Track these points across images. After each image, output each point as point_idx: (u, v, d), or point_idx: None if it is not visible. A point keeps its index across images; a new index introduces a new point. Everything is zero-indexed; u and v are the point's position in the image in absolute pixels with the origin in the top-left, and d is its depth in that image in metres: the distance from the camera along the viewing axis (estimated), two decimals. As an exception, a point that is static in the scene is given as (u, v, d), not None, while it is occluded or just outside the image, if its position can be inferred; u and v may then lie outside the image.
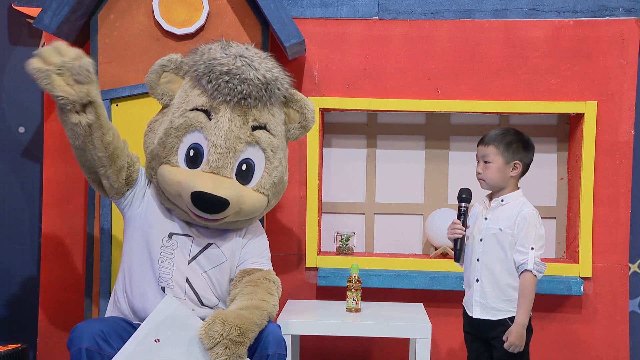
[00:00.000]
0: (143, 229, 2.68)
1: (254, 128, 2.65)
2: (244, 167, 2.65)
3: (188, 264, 2.66)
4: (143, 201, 2.72)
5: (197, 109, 2.63)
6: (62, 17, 3.01)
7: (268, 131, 2.69)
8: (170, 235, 2.67)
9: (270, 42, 3.19)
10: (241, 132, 2.62)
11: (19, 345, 3.20)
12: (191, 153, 2.62)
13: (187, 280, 2.64)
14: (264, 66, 2.66)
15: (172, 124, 2.64)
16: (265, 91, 2.64)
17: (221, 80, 2.59)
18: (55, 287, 3.39)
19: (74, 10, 3.03)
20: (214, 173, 2.60)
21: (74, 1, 3.00)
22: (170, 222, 2.69)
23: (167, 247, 2.66)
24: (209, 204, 2.55)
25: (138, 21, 3.14)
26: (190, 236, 2.69)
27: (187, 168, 2.63)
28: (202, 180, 2.56)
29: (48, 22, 3.02)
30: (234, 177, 2.64)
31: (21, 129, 3.47)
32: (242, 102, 2.61)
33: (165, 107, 2.74)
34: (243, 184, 2.65)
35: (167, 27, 3.09)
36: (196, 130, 2.62)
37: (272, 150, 2.69)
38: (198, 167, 2.62)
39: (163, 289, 2.62)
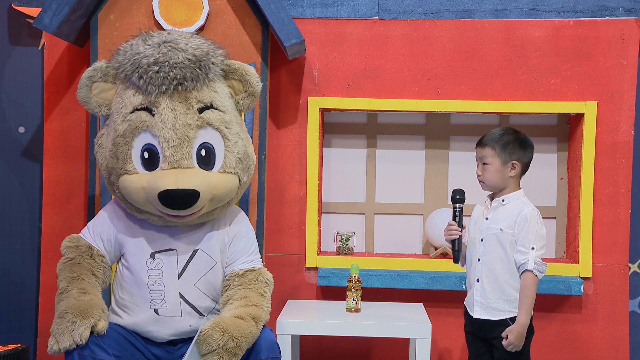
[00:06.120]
0: (125, 260, 2.65)
1: (201, 110, 2.56)
2: (203, 152, 2.56)
3: (178, 278, 2.62)
4: (114, 241, 2.67)
5: (137, 109, 2.54)
6: (62, 17, 3.01)
7: (216, 109, 2.59)
8: (153, 255, 2.62)
9: (270, 42, 3.19)
10: (188, 118, 2.53)
11: (19, 345, 3.19)
12: (146, 155, 2.54)
13: (181, 296, 2.61)
14: (192, 45, 2.56)
15: (117, 132, 2.56)
16: (200, 69, 2.54)
17: (151, 72, 2.50)
18: (55, 287, 3.37)
19: (74, 10, 3.03)
20: (174, 168, 2.51)
21: (74, 1, 3.00)
22: (149, 243, 2.63)
23: (152, 269, 2.61)
24: (178, 199, 2.47)
25: (138, 21, 3.14)
26: (173, 249, 2.63)
27: (147, 171, 2.54)
28: (165, 179, 2.48)
29: (48, 22, 3.02)
30: (196, 165, 2.55)
31: (21, 129, 3.47)
32: (179, 87, 2.52)
33: (106, 118, 2.66)
34: (208, 170, 2.57)
35: (167, 27, 3.09)
36: (143, 130, 2.54)
37: (226, 127, 2.60)
38: (157, 167, 2.54)
39: (156, 311, 2.59)
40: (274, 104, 3.36)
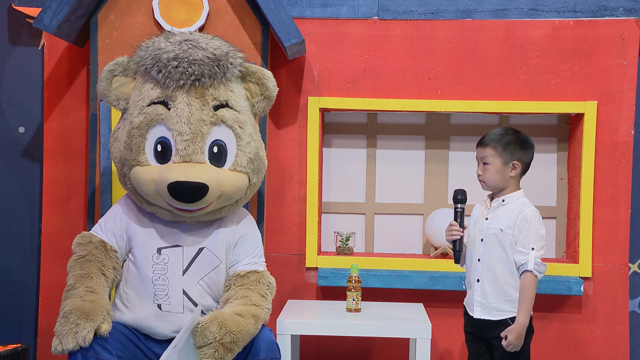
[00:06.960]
0: (132, 254, 2.67)
1: (216, 107, 2.61)
2: (215, 149, 2.61)
3: (183, 275, 2.63)
4: (125, 237, 2.68)
5: (154, 103, 2.59)
6: (62, 17, 3.01)
7: (231, 108, 2.64)
8: (159, 250, 2.64)
9: (270, 42, 3.19)
10: (203, 114, 2.58)
11: (19, 345, 3.19)
12: (159, 148, 2.59)
13: (184, 292, 2.62)
14: (212, 45, 2.62)
15: (132, 124, 2.60)
16: (218, 67, 2.60)
17: (170, 66, 2.55)
18: (55, 287, 3.39)
19: (74, 10, 3.03)
20: (185, 162, 2.56)
21: (74, 1, 3.00)
22: (156, 237, 2.66)
23: (158, 264, 2.63)
24: (187, 192, 2.50)
25: (138, 21, 3.14)
26: (179, 246, 2.65)
27: (159, 164, 2.59)
28: (175, 171, 2.52)
29: (48, 22, 3.02)
30: (207, 161, 2.60)
31: (21, 129, 3.47)
32: (197, 83, 2.58)
33: (124, 112, 2.71)
34: (219, 167, 2.61)
35: (167, 27, 3.09)
36: (158, 123, 2.58)
37: (239, 127, 2.65)
38: (169, 160, 2.58)
39: (159, 306, 2.61)
40: (274, 104, 3.34)
